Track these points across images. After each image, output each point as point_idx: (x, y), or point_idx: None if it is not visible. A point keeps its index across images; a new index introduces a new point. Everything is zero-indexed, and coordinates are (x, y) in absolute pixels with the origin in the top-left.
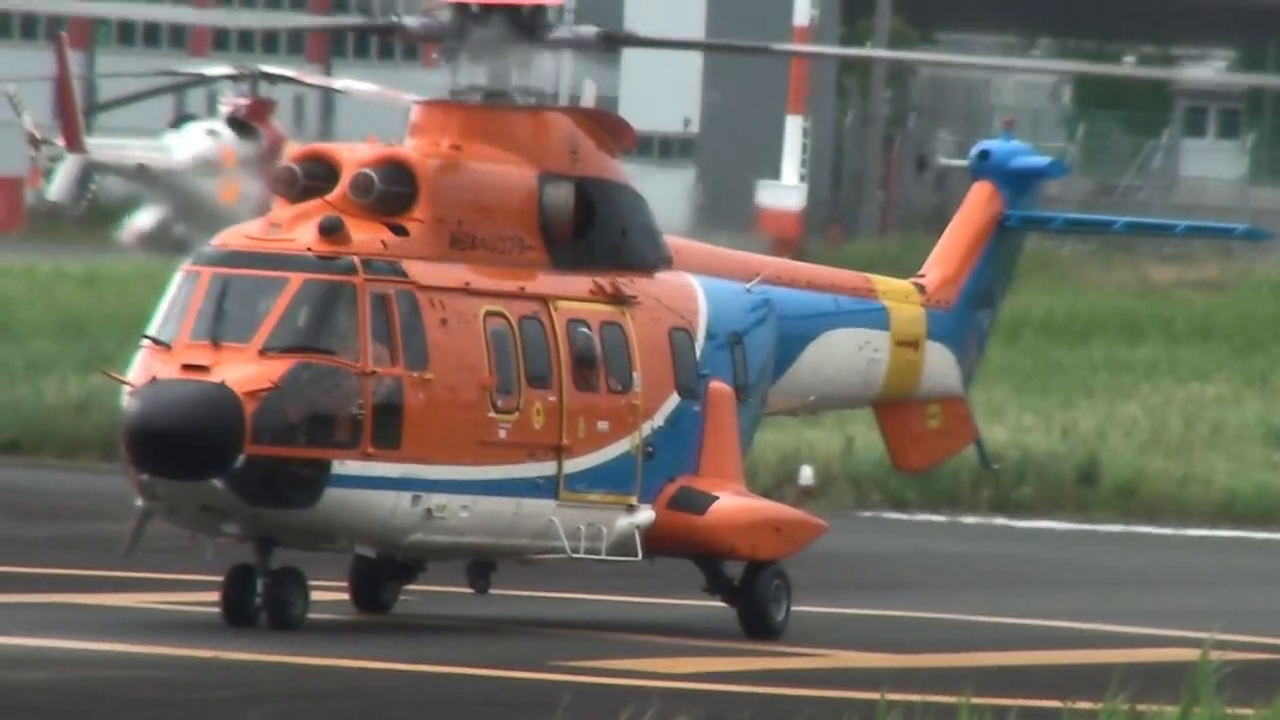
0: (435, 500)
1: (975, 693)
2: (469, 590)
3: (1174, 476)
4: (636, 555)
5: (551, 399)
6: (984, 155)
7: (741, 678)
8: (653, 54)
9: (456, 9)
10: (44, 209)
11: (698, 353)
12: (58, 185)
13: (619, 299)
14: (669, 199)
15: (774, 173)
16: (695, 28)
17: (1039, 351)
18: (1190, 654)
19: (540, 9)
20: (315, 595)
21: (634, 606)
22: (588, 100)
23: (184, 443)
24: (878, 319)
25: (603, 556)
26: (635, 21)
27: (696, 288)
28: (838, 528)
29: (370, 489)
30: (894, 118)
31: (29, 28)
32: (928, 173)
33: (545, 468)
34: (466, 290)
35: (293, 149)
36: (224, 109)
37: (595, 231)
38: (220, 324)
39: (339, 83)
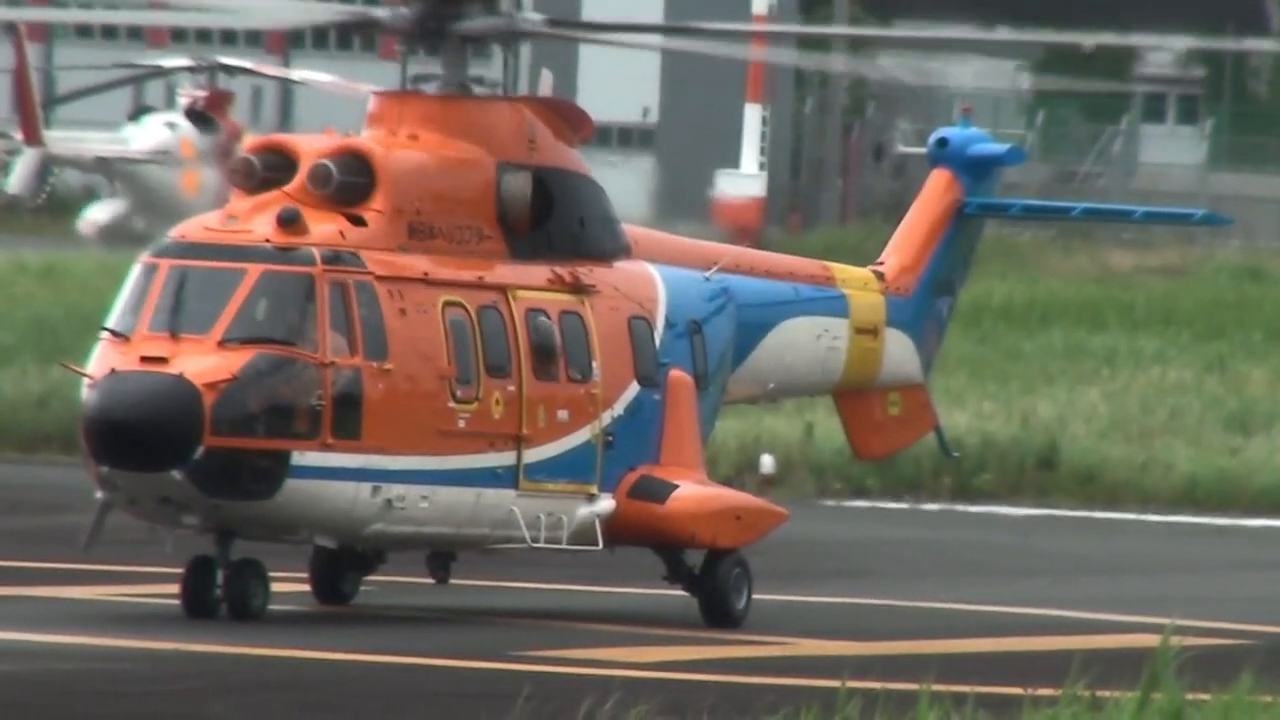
0: (395, 491)
1: (936, 680)
2: (429, 581)
3: (1134, 462)
4: (597, 544)
5: (511, 389)
6: (942, 143)
7: (702, 666)
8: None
9: (418, 1)
10: (2, 202)
11: (657, 341)
12: (16, 178)
13: (578, 288)
14: (628, 188)
15: (733, 161)
16: (653, 16)
17: (999, 338)
18: (1150, 640)
19: (494, 0)
20: (275, 586)
21: (594, 596)
22: (545, 90)
23: (143, 434)
24: (837, 307)
25: (563, 546)
26: (593, 11)
27: (655, 277)
28: (798, 516)
29: (330, 480)
30: (853, 106)
31: None
32: (886, 160)
33: (505, 457)
34: (425, 280)
35: (250, 140)
36: (182, 101)
37: (554, 221)
38: (179, 316)
39: (297, 74)
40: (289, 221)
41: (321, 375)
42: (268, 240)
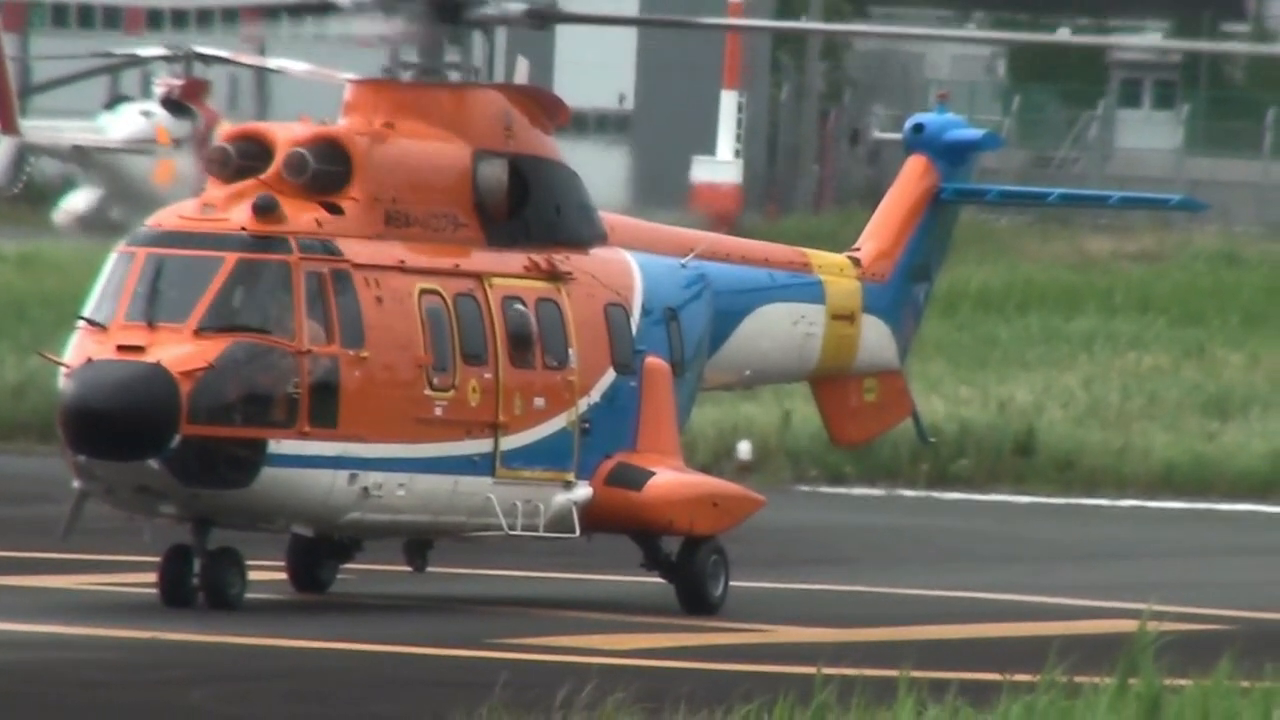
0: (372, 479)
1: (914, 667)
2: (407, 569)
3: (1112, 448)
4: (574, 532)
5: (487, 376)
6: (918, 129)
7: (680, 654)
8: (587, 30)
9: None
10: None
11: (634, 328)
12: None
13: (554, 275)
14: (604, 175)
15: (709, 148)
16: (628, 4)
17: (976, 324)
18: (1128, 626)
19: None
20: (253, 575)
21: (572, 583)
22: (521, 77)
23: (120, 423)
24: (813, 293)
25: (540, 533)
26: (571, 5)
27: (632, 264)
28: (775, 502)
29: (307, 468)
30: (829, 92)
31: None
32: (862, 146)
33: (482, 445)
34: (401, 268)
35: (227, 129)
36: (158, 90)
37: (530, 208)
38: (155, 304)
39: (273, 62)
40: (265, 210)
41: (298, 363)
42: (244, 229)
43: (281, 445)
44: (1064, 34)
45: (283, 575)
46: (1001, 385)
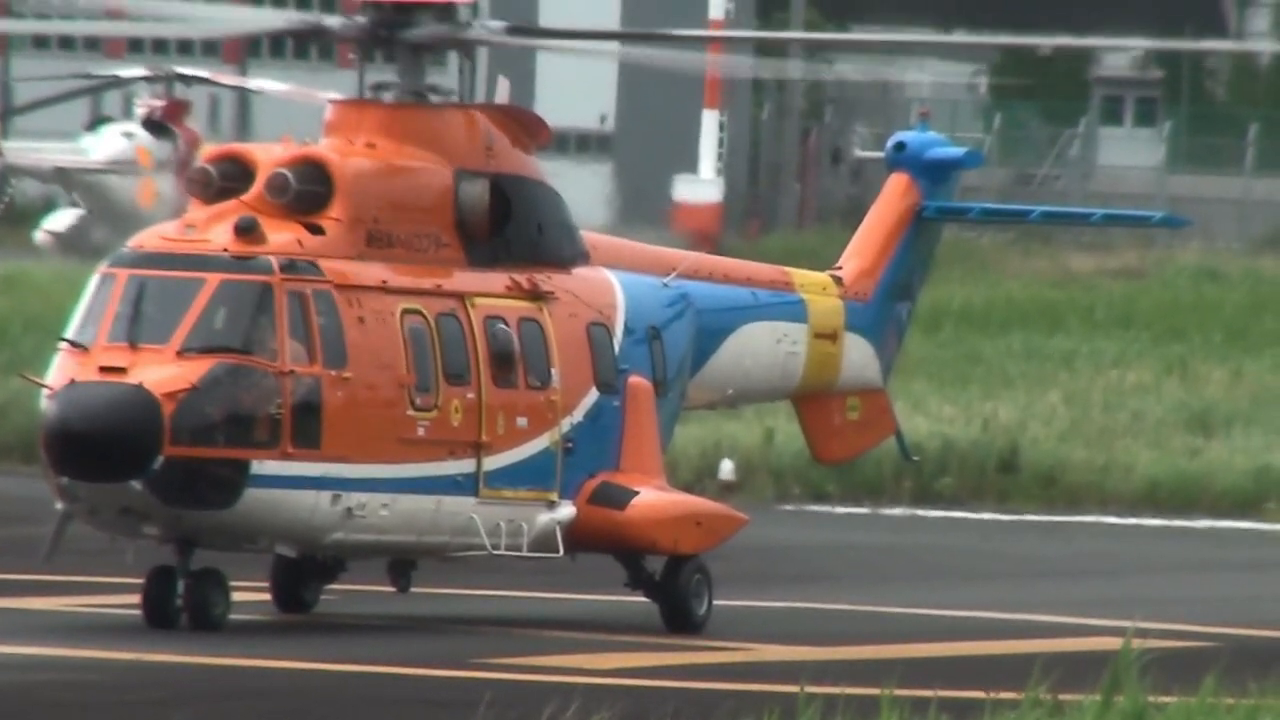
0: (355, 499)
1: (898, 685)
2: (390, 589)
3: (1095, 465)
4: (558, 551)
5: (470, 396)
6: (900, 146)
7: (664, 672)
8: (568, 50)
9: (372, 8)
10: None
11: (616, 348)
12: None
13: (536, 295)
14: (586, 195)
15: (691, 167)
16: (610, 23)
17: (958, 342)
18: (1113, 643)
19: (452, 7)
20: (236, 596)
21: (555, 603)
22: (502, 97)
23: (102, 445)
24: (795, 312)
25: (524, 553)
26: (550, 17)
27: (614, 283)
28: (759, 521)
29: (290, 489)
30: (810, 110)
31: None
32: (844, 165)
33: (465, 465)
34: (383, 289)
35: (208, 150)
36: (140, 110)
37: (512, 228)
38: (137, 326)
39: (254, 83)
40: (247, 230)
41: (280, 384)
42: (226, 249)
43: (264, 466)
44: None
45: (266, 596)
46: (984, 402)
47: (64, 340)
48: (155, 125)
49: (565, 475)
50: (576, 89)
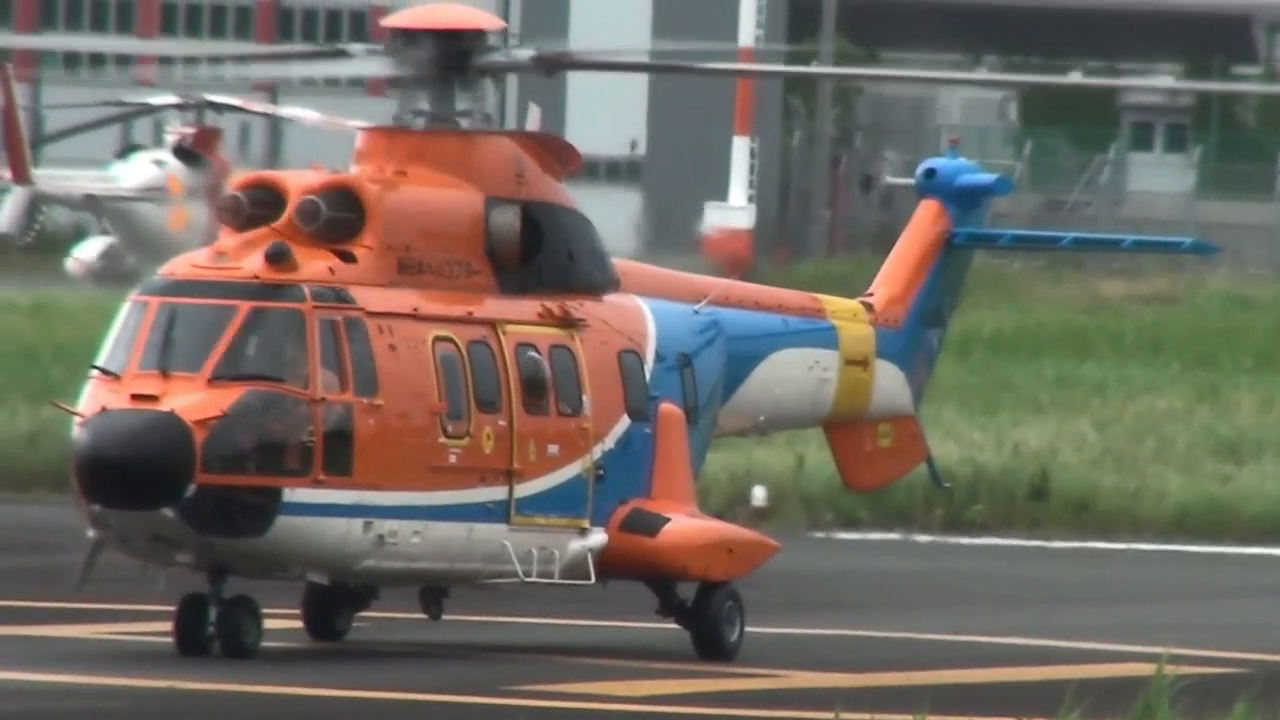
0: (387, 526)
1: (930, 711)
2: (422, 616)
3: (1126, 491)
4: (589, 578)
5: (501, 423)
6: (930, 173)
7: (696, 699)
8: (598, 77)
9: (397, 35)
10: None
11: (647, 375)
12: (5, 216)
13: (567, 322)
14: (616, 222)
15: (721, 194)
16: (641, 51)
17: (989, 368)
18: (1145, 669)
19: (481, 33)
20: (268, 623)
21: (587, 630)
22: (533, 124)
23: (134, 472)
24: (826, 338)
25: (555, 580)
26: (580, 44)
27: (645, 310)
28: (790, 548)
29: (321, 516)
30: (840, 137)
31: None
32: (874, 192)
33: (496, 492)
34: (415, 316)
35: (238, 177)
36: (170, 138)
37: (543, 255)
38: (169, 353)
39: (285, 110)
40: (278, 258)
41: (312, 412)
42: (257, 277)
43: (296, 493)
44: (1075, 77)
45: (298, 623)
46: (1015, 429)
47: (95, 368)
48: (186, 153)
49: (597, 502)
50: (607, 116)
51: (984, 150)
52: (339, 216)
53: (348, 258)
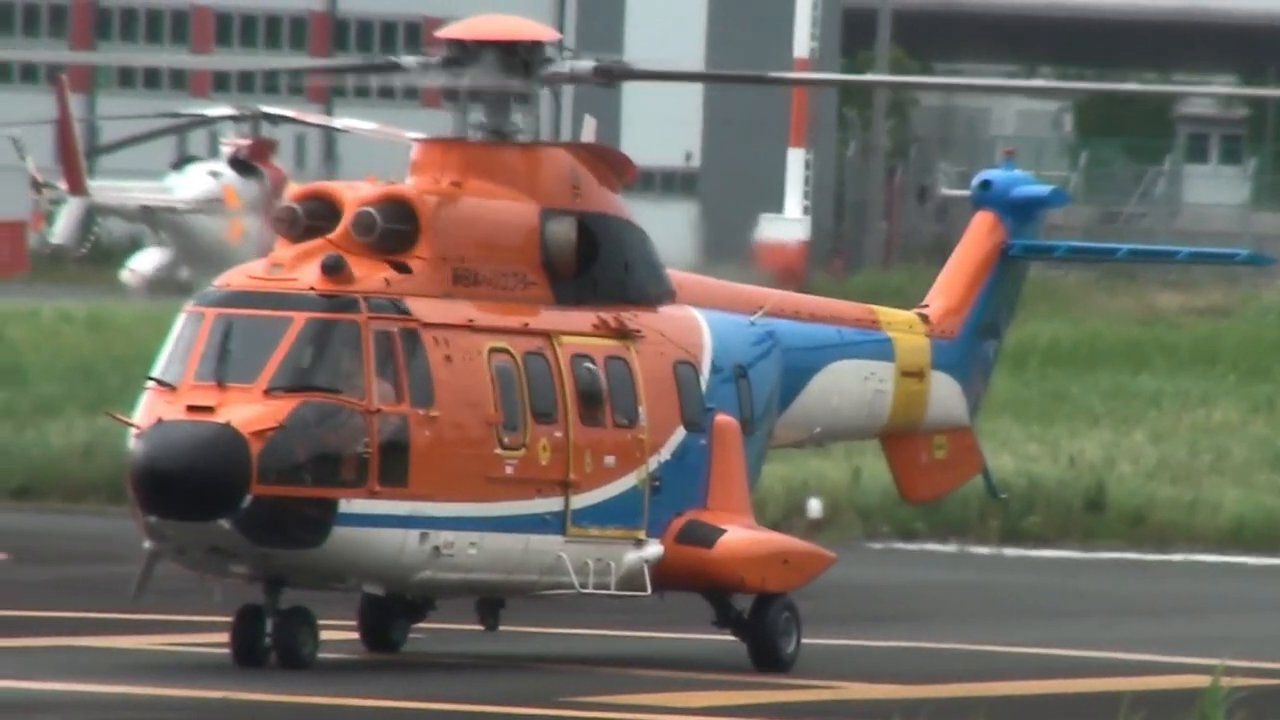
0: (443, 538)
1: None
2: (478, 627)
3: (1182, 503)
4: (645, 590)
5: (558, 434)
6: (986, 185)
7: (752, 711)
8: (654, 89)
9: (453, 47)
10: (47, 252)
11: (703, 386)
12: (60, 228)
13: (623, 333)
14: (671, 233)
15: (776, 205)
16: (695, 62)
17: (1044, 380)
18: (1200, 681)
19: (537, 45)
20: (325, 634)
21: (643, 641)
22: (588, 135)
23: (190, 484)
24: (882, 350)
25: (611, 591)
26: (635, 56)
27: (701, 321)
28: (846, 559)
29: (378, 527)
30: (895, 149)
31: (29, 71)
32: (930, 203)
33: (552, 503)
34: (470, 327)
35: (294, 188)
36: (226, 149)
37: (598, 266)
38: (225, 364)
39: (340, 122)
40: (334, 269)
41: (368, 423)
42: (312, 288)
43: (352, 505)
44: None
45: (354, 635)
46: (1071, 440)
47: (151, 379)
48: (241, 164)
49: (653, 514)
50: (662, 127)
51: (1039, 162)
52: (394, 228)
53: (403, 269)
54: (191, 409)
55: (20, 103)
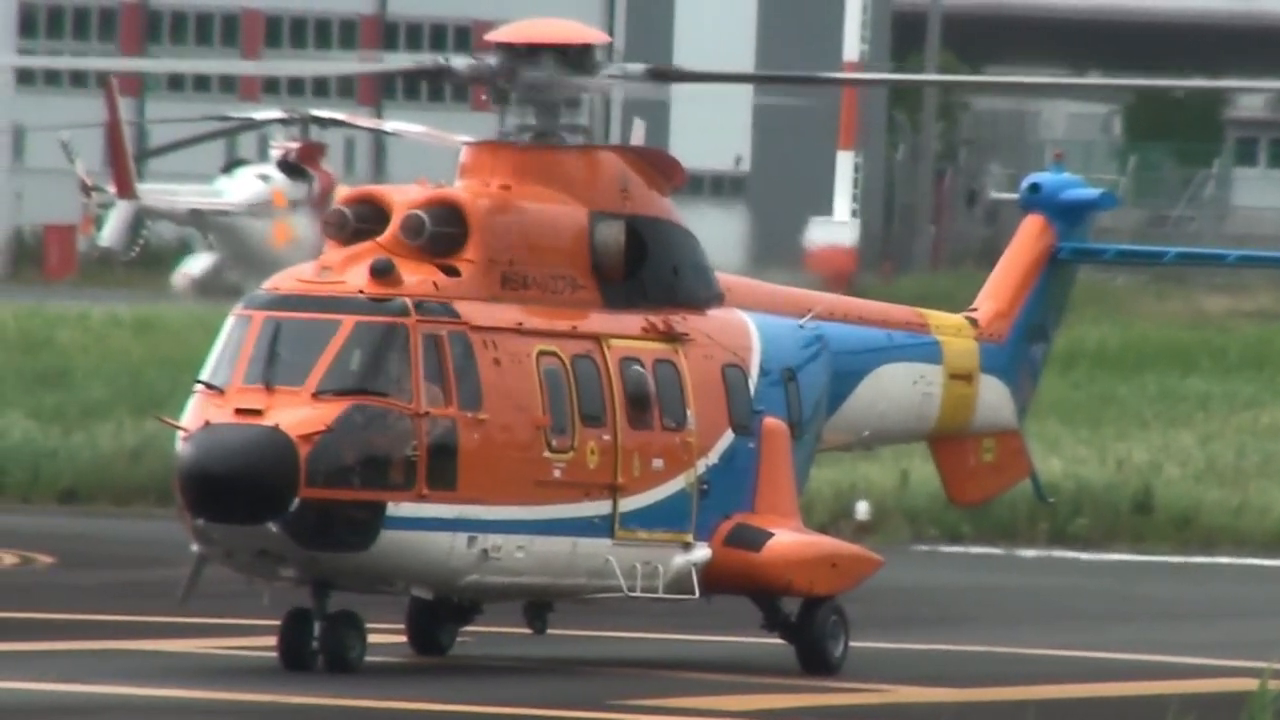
0: (491, 541)
1: None
2: (526, 631)
3: (1230, 506)
4: (693, 593)
5: (606, 438)
6: (1035, 188)
7: (801, 714)
8: (703, 92)
9: (503, 49)
10: (96, 255)
11: (752, 389)
12: (109, 231)
13: (672, 336)
14: (721, 236)
15: (825, 209)
16: (745, 65)
17: (1092, 383)
18: (1248, 684)
19: (587, 47)
20: (372, 638)
21: (691, 644)
22: (637, 139)
23: (239, 487)
24: (931, 353)
25: (659, 595)
26: (685, 58)
27: (749, 324)
28: (894, 562)
29: (426, 530)
30: (944, 152)
31: (79, 75)
32: (978, 206)
33: (601, 506)
34: (519, 330)
35: (343, 191)
36: (275, 153)
37: (647, 270)
38: (273, 367)
39: (389, 125)
40: (382, 272)
41: (416, 426)
42: (361, 291)
43: (400, 508)
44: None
45: (402, 638)
46: (1119, 444)
47: (199, 382)
48: (290, 167)
49: (700, 517)
50: (711, 131)
51: (1088, 165)
52: (443, 231)
53: (452, 272)
54: (240, 412)
55: (70, 106)
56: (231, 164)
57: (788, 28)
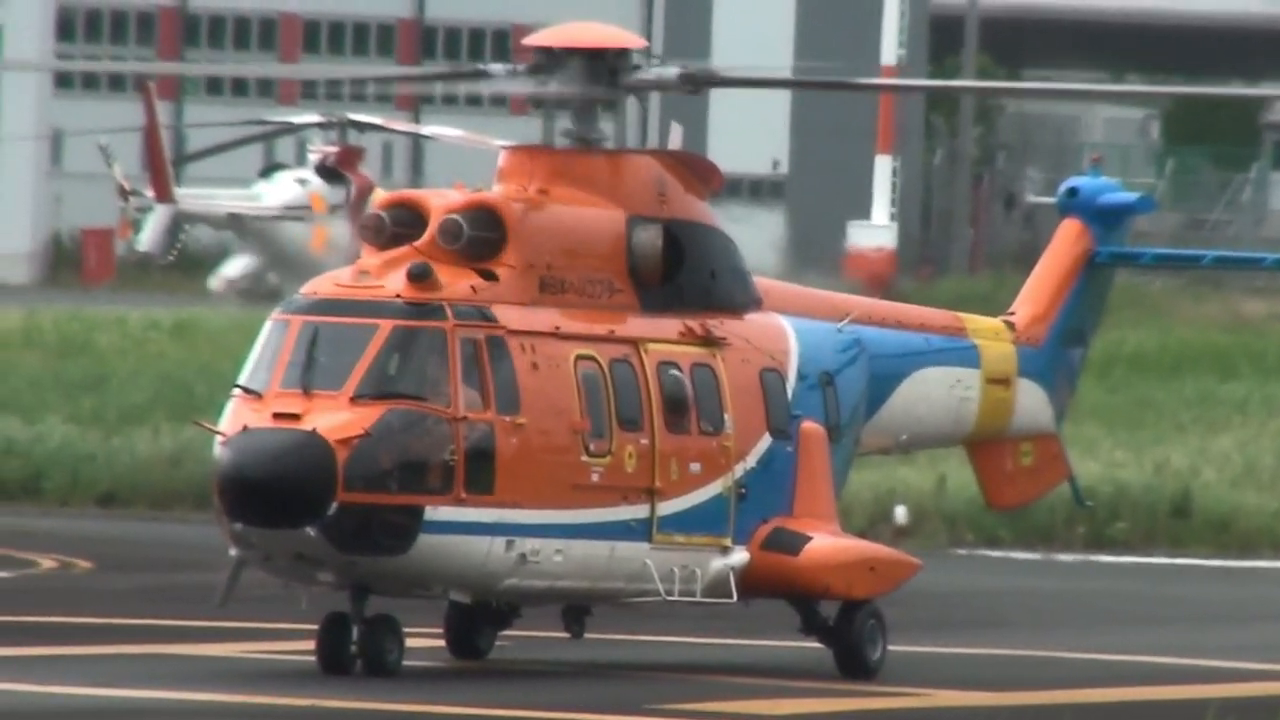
0: (529, 545)
1: None
2: (564, 635)
3: (1268, 510)
4: (731, 597)
5: (644, 442)
6: (1072, 192)
7: (838, 718)
8: (741, 96)
9: (540, 54)
10: (134, 259)
11: (789, 393)
12: (147, 235)
13: (709, 341)
14: (759, 240)
15: (863, 213)
16: (783, 67)
17: (1130, 387)
18: None
19: (624, 52)
20: (411, 642)
21: (729, 648)
22: (675, 143)
23: (277, 491)
24: (969, 357)
25: (697, 599)
26: (723, 63)
27: (787, 328)
28: (932, 566)
29: (464, 535)
30: (982, 156)
31: (117, 79)
32: (1016, 210)
33: (638, 510)
34: (556, 334)
35: (381, 196)
36: (313, 157)
37: (684, 274)
38: (311, 372)
39: (427, 129)
40: (420, 276)
41: (454, 430)
42: (399, 295)
43: (438, 512)
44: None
45: (440, 642)
46: (1157, 448)
47: (237, 387)
48: (328, 171)
49: (738, 521)
50: (749, 135)
51: (1125, 169)
52: (481, 235)
53: (489, 276)
54: (277, 416)
55: (107, 110)
56: (269, 168)
57: (825, 32)
